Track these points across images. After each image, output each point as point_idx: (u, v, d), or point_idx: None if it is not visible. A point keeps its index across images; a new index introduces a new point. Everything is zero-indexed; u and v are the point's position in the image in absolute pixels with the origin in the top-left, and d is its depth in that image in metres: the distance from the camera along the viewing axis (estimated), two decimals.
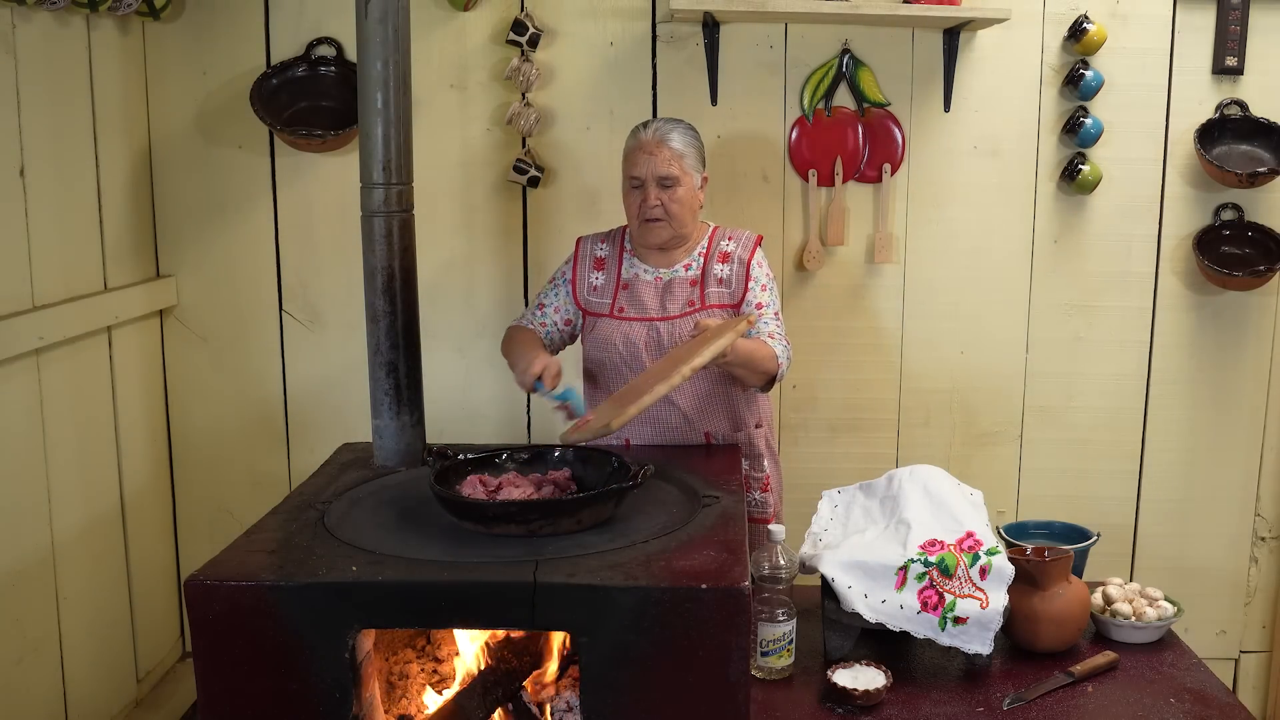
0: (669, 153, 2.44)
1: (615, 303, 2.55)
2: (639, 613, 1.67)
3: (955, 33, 2.98)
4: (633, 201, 2.49)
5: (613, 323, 2.53)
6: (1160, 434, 3.19)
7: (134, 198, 2.95)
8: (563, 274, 2.61)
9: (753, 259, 2.54)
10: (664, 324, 2.50)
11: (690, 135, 2.50)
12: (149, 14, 2.83)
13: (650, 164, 2.44)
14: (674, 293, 2.52)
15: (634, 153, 2.47)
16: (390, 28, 2.17)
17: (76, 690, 2.65)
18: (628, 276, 2.56)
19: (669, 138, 2.46)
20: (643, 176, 2.45)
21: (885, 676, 1.98)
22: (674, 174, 2.44)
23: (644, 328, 2.51)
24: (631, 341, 2.50)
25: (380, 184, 2.21)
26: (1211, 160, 2.97)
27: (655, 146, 2.44)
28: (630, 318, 2.53)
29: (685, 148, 2.47)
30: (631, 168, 2.47)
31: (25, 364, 2.47)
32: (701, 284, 2.53)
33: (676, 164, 2.45)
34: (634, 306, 2.53)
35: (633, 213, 2.49)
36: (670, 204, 2.46)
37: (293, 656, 1.69)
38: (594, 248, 2.62)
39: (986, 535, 2.09)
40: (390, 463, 2.27)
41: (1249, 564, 3.25)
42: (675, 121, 2.51)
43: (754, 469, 2.59)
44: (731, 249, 2.56)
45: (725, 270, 2.54)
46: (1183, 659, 2.14)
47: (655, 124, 2.49)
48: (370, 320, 2.27)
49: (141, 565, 2.96)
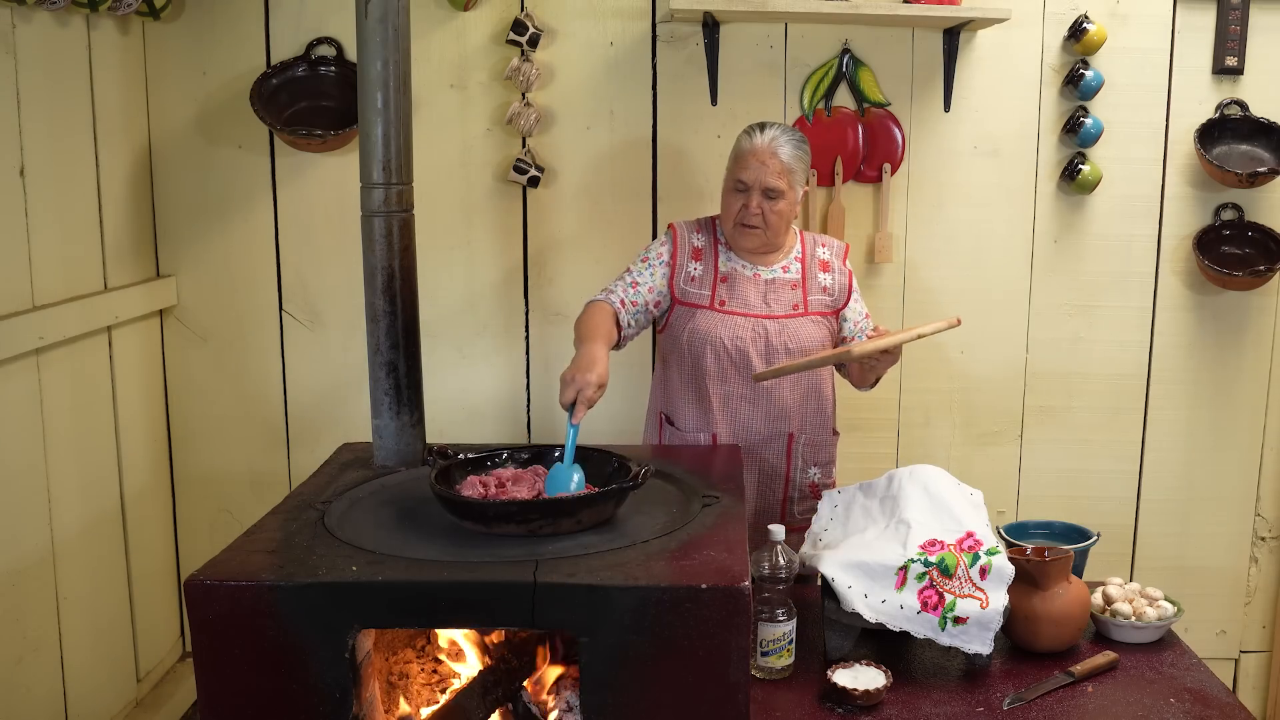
0: (780, 165, 2.43)
1: (715, 295, 2.52)
2: (639, 613, 1.67)
3: (955, 33, 2.98)
4: (733, 202, 2.47)
5: (715, 315, 2.51)
6: (1160, 434, 3.19)
7: (134, 198, 2.95)
8: (659, 256, 2.55)
9: (850, 271, 2.60)
10: (771, 322, 2.50)
11: (802, 149, 2.48)
12: (149, 14, 2.83)
13: (760, 173, 2.42)
14: (777, 292, 2.52)
15: (746, 156, 2.45)
16: (390, 28, 2.17)
17: (76, 690, 2.65)
18: (725, 270, 2.53)
19: (782, 149, 2.44)
20: (749, 183, 2.44)
21: (885, 676, 1.98)
22: (780, 187, 2.43)
23: (749, 323, 2.50)
24: (738, 335, 2.49)
25: (380, 184, 2.21)
26: (1211, 160, 2.97)
27: (768, 156, 2.43)
28: (734, 312, 2.51)
29: (795, 162, 2.45)
30: (740, 170, 2.45)
31: (25, 364, 2.47)
32: (804, 288, 2.54)
33: (785, 177, 2.44)
34: (736, 301, 2.51)
35: (731, 213, 2.48)
36: (770, 214, 2.45)
37: (293, 656, 1.69)
38: (691, 236, 2.57)
39: (986, 535, 2.09)
40: (390, 463, 2.27)
41: (1249, 564, 3.26)
42: (790, 131, 2.48)
43: (825, 476, 2.62)
44: (829, 258, 2.58)
45: (828, 279, 2.56)
46: (1183, 659, 2.13)
47: (772, 131, 2.46)
48: (370, 320, 2.27)
49: (141, 565, 2.96)
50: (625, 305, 2.50)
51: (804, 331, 2.52)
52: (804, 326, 2.53)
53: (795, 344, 2.50)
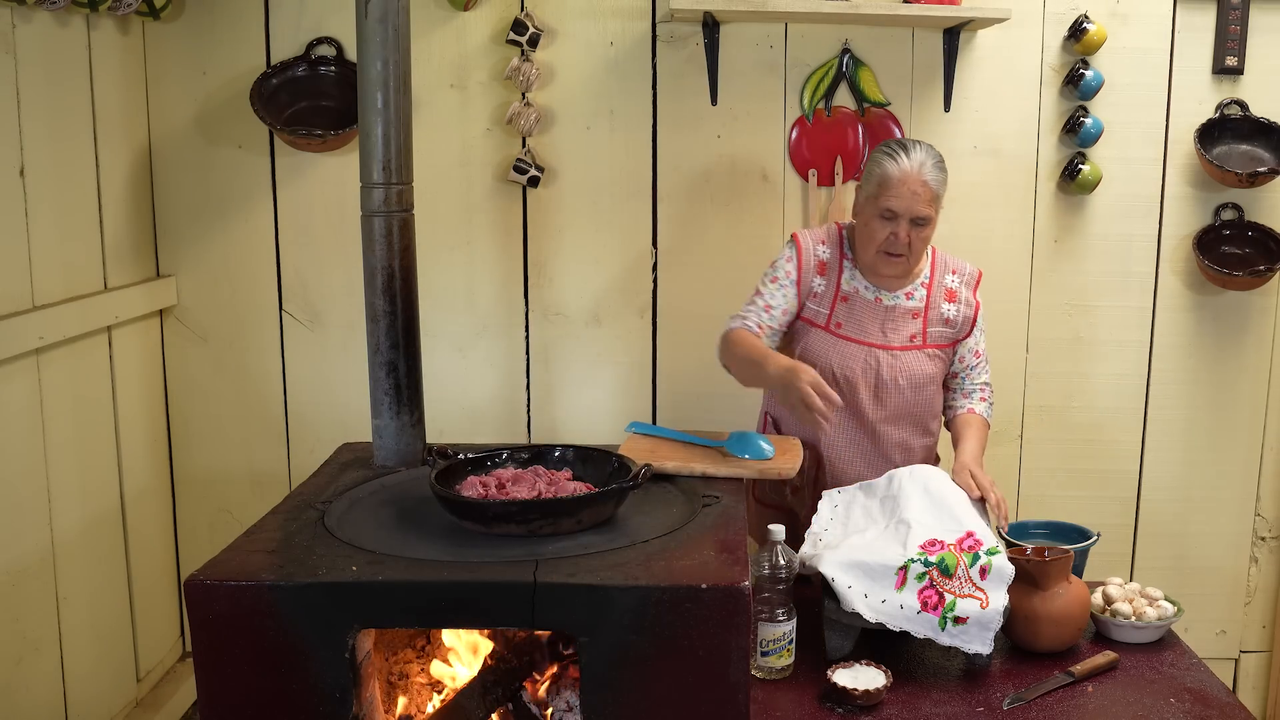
0: (930, 192, 2.31)
1: (832, 315, 2.41)
2: (639, 613, 1.67)
3: (955, 32, 2.98)
4: (878, 230, 2.33)
5: (828, 338, 2.41)
6: (1160, 434, 3.19)
7: (134, 198, 2.95)
8: (787, 273, 2.43)
9: (979, 303, 2.49)
10: (884, 354, 2.40)
11: (944, 169, 2.37)
12: (149, 14, 2.83)
13: (912, 202, 2.30)
14: (895, 321, 2.42)
15: (896, 184, 2.30)
16: (390, 28, 2.17)
17: (76, 690, 2.65)
18: (847, 290, 2.41)
19: (931, 175, 2.31)
20: (899, 211, 2.30)
21: (885, 676, 1.98)
22: (930, 215, 2.33)
23: (861, 351, 2.40)
24: (848, 364, 2.40)
25: (380, 184, 2.21)
26: (1211, 160, 2.97)
27: (920, 184, 2.30)
28: (848, 337, 2.40)
29: (941, 186, 2.34)
30: (888, 198, 2.31)
31: (25, 364, 2.47)
32: (925, 318, 2.43)
33: (934, 205, 2.33)
34: (852, 325, 2.41)
35: (875, 241, 2.35)
36: (916, 242, 2.34)
37: (293, 656, 1.69)
38: (816, 248, 2.44)
39: (986, 535, 2.09)
40: (390, 463, 2.27)
41: (1249, 564, 3.26)
42: (932, 151, 2.35)
43: None
44: (957, 286, 2.47)
45: (952, 310, 2.45)
46: (1183, 659, 2.13)
47: (919, 154, 2.32)
48: (370, 320, 2.27)
49: (141, 565, 2.96)
50: (763, 329, 2.40)
51: (917, 366, 2.43)
52: (918, 361, 2.44)
53: (906, 379, 2.42)
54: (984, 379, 2.55)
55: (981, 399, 2.54)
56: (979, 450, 2.44)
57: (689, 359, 3.10)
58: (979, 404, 2.53)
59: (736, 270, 3.05)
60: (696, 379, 3.10)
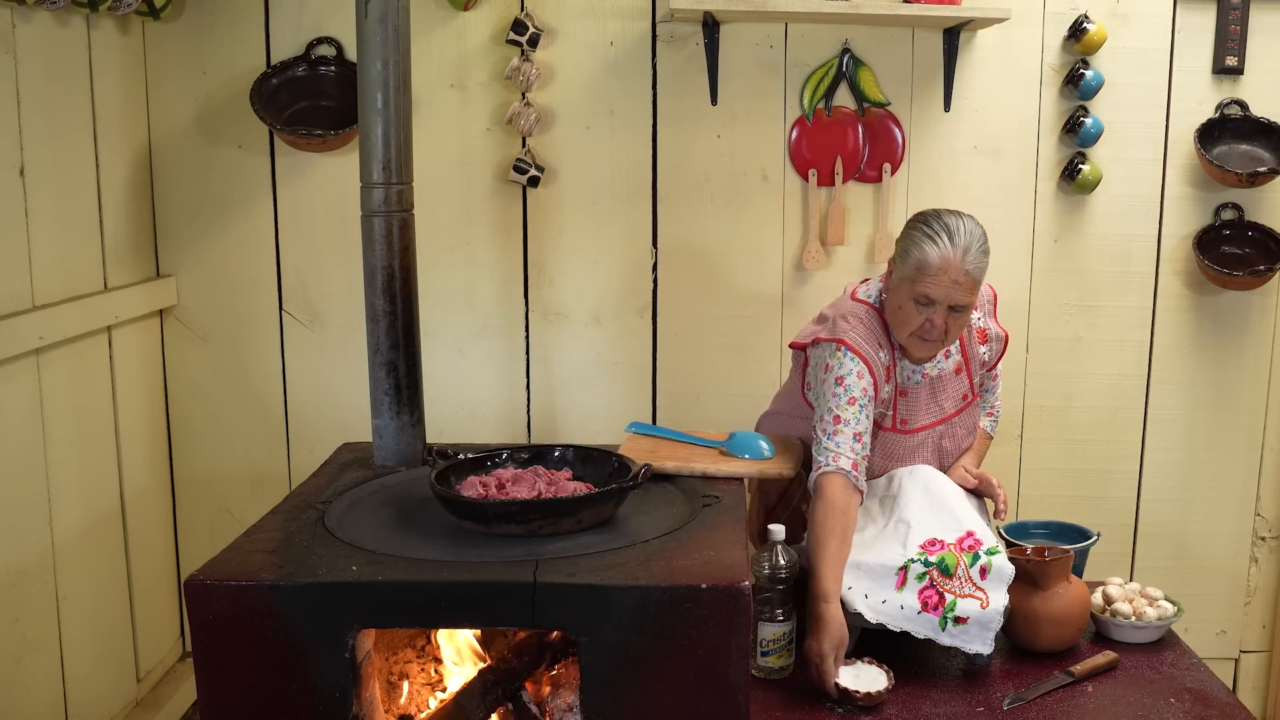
0: (972, 282, 2.14)
1: (896, 414, 2.31)
2: (639, 613, 1.67)
3: (955, 32, 2.98)
4: (913, 316, 2.17)
5: (898, 439, 2.33)
6: (1160, 434, 3.19)
7: (134, 198, 2.95)
8: (864, 391, 2.20)
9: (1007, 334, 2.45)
10: (943, 426, 2.36)
11: (986, 254, 2.17)
12: (149, 14, 2.83)
13: (953, 292, 2.13)
14: (945, 389, 2.35)
15: (936, 272, 2.12)
16: (390, 28, 2.17)
17: (76, 690, 2.65)
18: (903, 382, 2.31)
19: (975, 264, 2.14)
20: (938, 300, 2.14)
21: (888, 677, 1.98)
22: (970, 303, 2.17)
23: (927, 434, 2.35)
24: (918, 455, 2.34)
25: (380, 184, 2.21)
26: (1212, 160, 2.96)
27: (961, 274, 2.12)
28: (914, 430, 2.33)
29: (982, 273, 2.16)
30: (927, 285, 2.13)
31: (25, 364, 2.47)
32: (969, 372, 2.36)
33: (975, 292, 2.16)
34: (913, 414, 2.33)
35: (910, 326, 2.19)
36: (953, 327, 2.19)
37: (293, 656, 1.69)
38: (878, 355, 2.25)
39: (986, 535, 2.10)
40: (390, 463, 2.27)
41: (1249, 564, 3.25)
42: (976, 232, 2.16)
43: None
44: (985, 324, 2.40)
45: (986, 352, 2.41)
46: (1183, 659, 2.14)
47: (962, 239, 2.12)
48: (370, 320, 2.27)
49: (141, 565, 2.96)
50: (858, 466, 2.18)
51: (971, 420, 2.42)
52: (972, 416, 2.42)
53: (964, 430, 2.40)
54: (996, 397, 2.58)
55: (989, 414, 2.57)
56: (976, 460, 2.47)
57: (689, 359, 3.10)
58: (985, 419, 2.56)
59: (736, 270, 3.05)
60: (696, 379, 3.10)
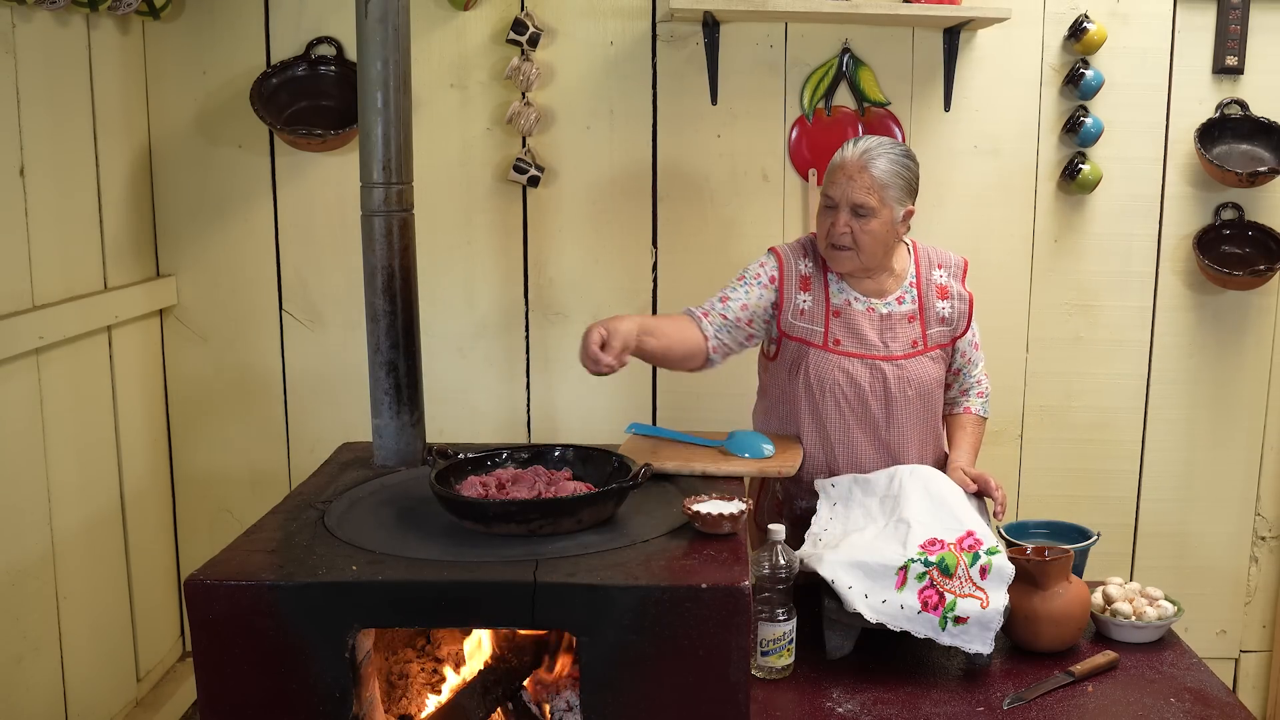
0: (870, 180, 2.24)
1: (829, 333, 2.35)
2: (639, 612, 1.67)
3: (955, 32, 2.98)
4: (822, 222, 2.30)
5: (830, 357, 2.35)
6: (1160, 434, 3.19)
7: (134, 198, 2.96)
8: (756, 276, 2.37)
9: (971, 295, 2.45)
10: (889, 364, 2.35)
11: (900, 164, 2.27)
12: (149, 14, 2.83)
13: (848, 188, 2.24)
14: (894, 329, 2.37)
15: (834, 171, 2.28)
16: (390, 27, 2.17)
17: (76, 690, 2.65)
18: (838, 303, 2.35)
19: (874, 163, 2.25)
20: (837, 199, 2.26)
21: (743, 506, 1.89)
22: (870, 204, 2.24)
23: (866, 366, 2.35)
24: (856, 381, 2.34)
25: (380, 184, 2.21)
26: (1212, 160, 2.97)
27: (857, 170, 2.24)
28: (850, 353, 2.35)
29: (891, 177, 2.25)
30: (827, 186, 2.29)
31: (25, 364, 2.47)
32: (922, 321, 2.39)
33: (876, 194, 2.24)
34: (851, 339, 2.35)
35: (821, 233, 2.32)
36: (860, 234, 2.26)
37: (293, 656, 1.69)
38: (798, 262, 2.37)
39: (986, 534, 2.09)
40: (390, 462, 2.27)
41: (1249, 564, 3.26)
42: (888, 146, 2.28)
43: None
44: (947, 281, 2.42)
45: (946, 308, 2.41)
46: (1183, 659, 2.13)
47: (864, 144, 2.27)
48: (370, 320, 2.27)
49: (141, 565, 2.96)
50: (710, 315, 2.34)
51: (923, 371, 2.39)
52: (923, 366, 2.39)
53: (914, 388, 2.37)
54: (980, 373, 2.53)
55: (979, 394, 2.52)
56: (971, 453, 2.44)
57: None
58: (975, 400, 2.51)
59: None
60: (696, 379, 3.09)
